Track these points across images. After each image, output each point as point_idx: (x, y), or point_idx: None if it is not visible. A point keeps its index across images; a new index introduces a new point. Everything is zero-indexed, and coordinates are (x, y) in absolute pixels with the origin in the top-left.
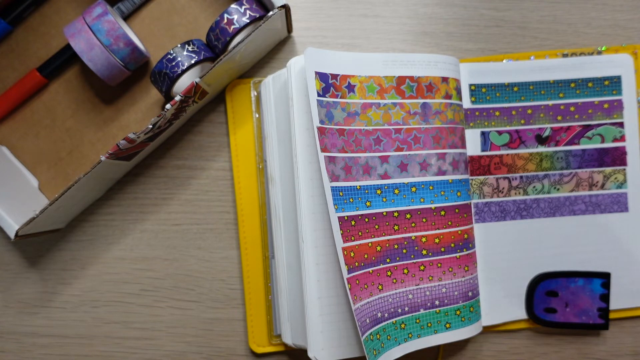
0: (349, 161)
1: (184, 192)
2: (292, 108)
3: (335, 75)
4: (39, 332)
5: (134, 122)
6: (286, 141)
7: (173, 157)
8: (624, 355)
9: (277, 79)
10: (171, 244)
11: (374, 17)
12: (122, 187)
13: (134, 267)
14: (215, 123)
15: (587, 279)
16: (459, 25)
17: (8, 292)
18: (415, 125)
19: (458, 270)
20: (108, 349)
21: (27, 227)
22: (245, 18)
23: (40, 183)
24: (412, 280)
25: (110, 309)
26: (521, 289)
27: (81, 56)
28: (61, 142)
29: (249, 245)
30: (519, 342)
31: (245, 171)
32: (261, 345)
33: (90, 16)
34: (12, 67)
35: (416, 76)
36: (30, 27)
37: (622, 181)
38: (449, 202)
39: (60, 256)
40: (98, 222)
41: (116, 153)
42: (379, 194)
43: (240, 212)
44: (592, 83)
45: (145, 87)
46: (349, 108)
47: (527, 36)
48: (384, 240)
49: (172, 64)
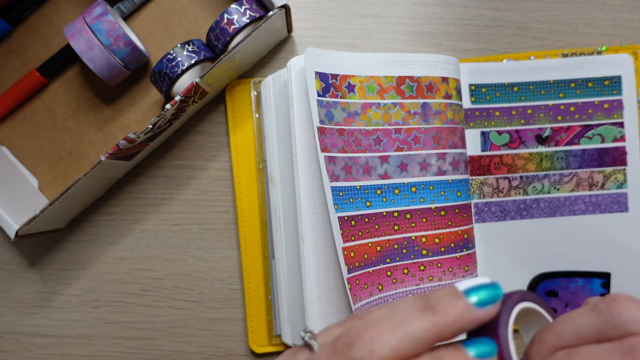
0: (349, 161)
1: (184, 192)
2: (292, 108)
3: (335, 75)
4: (39, 332)
5: (134, 122)
6: (286, 141)
7: (173, 157)
8: None
9: (277, 79)
10: (171, 244)
11: (374, 17)
12: (122, 187)
13: (134, 267)
14: (215, 123)
15: (587, 279)
16: (459, 25)
17: (8, 292)
18: (415, 125)
19: (458, 270)
20: (108, 349)
21: (27, 227)
22: (245, 18)
23: (40, 183)
24: (412, 280)
25: (110, 309)
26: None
27: (81, 56)
28: (61, 142)
29: (249, 245)
30: (519, 342)
31: (245, 171)
32: (261, 345)
33: (90, 16)
34: (12, 67)
35: (416, 76)
36: (30, 27)
37: (622, 181)
38: (449, 202)
39: (60, 256)
40: (98, 222)
41: (116, 153)
42: (379, 194)
43: (240, 212)
44: (592, 83)
45: (145, 87)
46: (349, 108)
47: (527, 36)
48: (384, 240)
49: (172, 64)
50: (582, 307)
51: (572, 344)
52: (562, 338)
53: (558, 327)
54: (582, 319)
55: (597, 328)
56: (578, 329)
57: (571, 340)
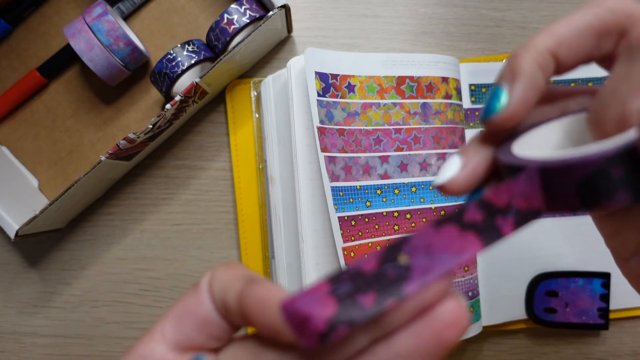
0: (349, 161)
1: (184, 192)
2: (292, 108)
3: (335, 75)
4: (39, 332)
5: (134, 122)
6: (286, 141)
7: (173, 157)
8: (624, 355)
9: (277, 79)
10: (171, 244)
11: (374, 17)
12: (122, 187)
13: (134, 267)
14: (215, 123)
15: (587, 279)
16: (459, 25)
17: (8, 292)
18: (415, 125)
19: (458, 271)
20: (108, 349)
21: (27, 227)
22: (245, 18)
23: (40, 183)
24: None
25: (110, 309)
26: (521, 289)
27: (81, 56)
28: (61, 142)
29: (249, 245)
30: (519, 342)
31: (245, 171)
32: None
33: (90, 16)
34: (12, 67)
35: (416, 76)
36: (30, 27)
37: None
38: (449, 202)
39: (60, 256)
40: (98, 222)
41: (116, 153)
42: (379, 194)
43: (240, 212)
44: (592, 83)
45: (145, 87)
46: (349, 108)
47: (527, 36)
48: (384, 240)
49: (172, 64)
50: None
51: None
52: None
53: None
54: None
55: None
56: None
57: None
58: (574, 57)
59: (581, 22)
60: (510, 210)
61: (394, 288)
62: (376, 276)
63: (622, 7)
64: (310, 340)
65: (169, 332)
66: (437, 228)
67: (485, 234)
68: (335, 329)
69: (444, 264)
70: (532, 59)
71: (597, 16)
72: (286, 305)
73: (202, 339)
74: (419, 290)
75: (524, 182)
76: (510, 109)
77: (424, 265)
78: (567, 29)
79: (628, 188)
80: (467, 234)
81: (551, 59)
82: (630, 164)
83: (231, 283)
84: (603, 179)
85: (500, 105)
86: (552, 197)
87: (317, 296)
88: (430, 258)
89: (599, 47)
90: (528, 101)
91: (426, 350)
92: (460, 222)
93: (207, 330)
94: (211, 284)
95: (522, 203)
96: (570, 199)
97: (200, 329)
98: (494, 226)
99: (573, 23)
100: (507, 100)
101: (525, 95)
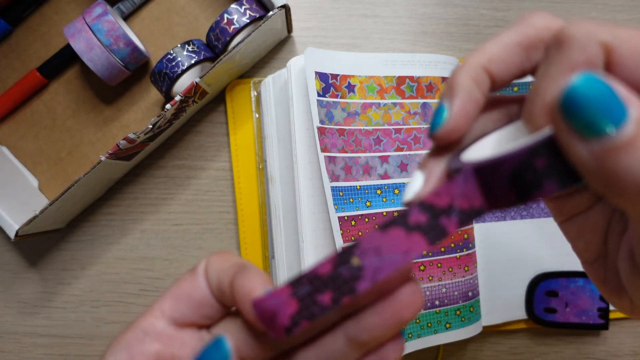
0: (349, 161)
1: (184, 192)
2: (292, 108)
3: (335, 75)
4: (39, 332)
5: (134, 122)
6: (286, 141)
7: (173, 157)
8: (624, 355)
9: (277, 79)
10: (171, 244)
11: (374, 17)
12: (122, 187)
13: (134, 267)
14: (215, 123)
15: (587, 279)
16: (459, 25)
17: (8, 292)
18: (415, 125)
19: (458, 270)
20: None
21: (27, 227)
22: (245, 18)
23: (40, 183)
24: None
25: (110, 309)
26: (521, 289)
27: (81, 56)
28: (61, 142)
29: (249, 245)
30: (519, 342)
31: (245, 171)
32: None
33: (90, 16)
34: (12, 67)
35: (416, 76)
36: (30, 27)
37: None
38: None
39: (60, 256)
40: (98, 222)
41: (116, 153)
42: (379, 194)
43: (240, 212)
44: None
45: (145, 87)
46: (349, 108)
47: None
48: None
49: (172, 64)
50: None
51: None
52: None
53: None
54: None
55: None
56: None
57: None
58: (506, 71)
59: (508, 39)
60: (453, 211)
61: (348, 286)
62: (332, 277)
63: (543, 22)
64: (277, 333)
65: (168, 310)
66: (384, 231)
67: (430, 233)
68: (298, 324)
69: (393, 262)
70: (467, 74)
71: (522, 33)
72: (256, 304)
73: (197, 317)
74: (371, 287)
75: (461, 182)
76: (452, 123)
77: (375, 265)
78: (496, 46)
79: (553, 176)
80: (413, 234)
81: (485, 74)
82: (550, 154)
83: (226, 270)
84: (529, 170)
85: (442, 120)
86: (490, 195)
87: (282, 297)
88: (381, 258)
89: (529, 60)
90: (468, 114)
91: (388, 325)
92: (406, 225)
93: (201, 310)
94: (207, 270)
95: (464, 203)
96: (506, 193)
97: (195, 309)
98: (439, 225)
99: (501, 41)
100: (447, 115)
101: (463, 108)
